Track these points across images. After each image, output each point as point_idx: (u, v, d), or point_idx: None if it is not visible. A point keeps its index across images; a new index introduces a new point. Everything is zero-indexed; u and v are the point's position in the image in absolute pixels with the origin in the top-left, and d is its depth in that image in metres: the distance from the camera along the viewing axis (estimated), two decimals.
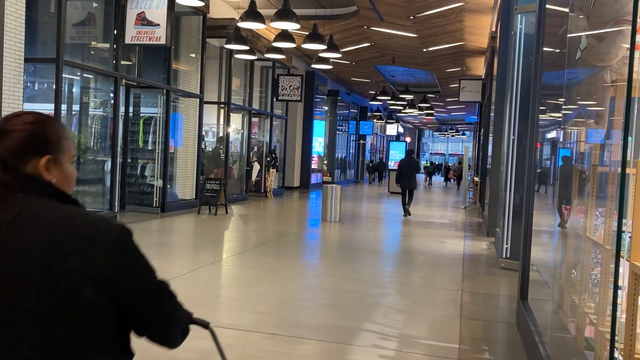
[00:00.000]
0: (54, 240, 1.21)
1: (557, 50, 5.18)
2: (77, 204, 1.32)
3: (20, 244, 1.20)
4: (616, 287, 2.46)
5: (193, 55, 13.42)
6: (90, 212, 1.32)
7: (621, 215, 2.41)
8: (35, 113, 1.35)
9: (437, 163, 52.06)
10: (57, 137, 1.33)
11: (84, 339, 1.21)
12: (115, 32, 10.60)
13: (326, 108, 26.01)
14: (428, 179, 37.39)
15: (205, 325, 1.60)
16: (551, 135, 6.25)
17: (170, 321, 1.37)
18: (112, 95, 10.69)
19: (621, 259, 2.48)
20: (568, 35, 3.98)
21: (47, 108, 9.77)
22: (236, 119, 16.78)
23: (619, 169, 2.82)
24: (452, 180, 37.09)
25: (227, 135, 15.28)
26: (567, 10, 4.33)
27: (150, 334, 1.36)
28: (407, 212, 14.01)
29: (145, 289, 1.31)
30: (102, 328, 1.24)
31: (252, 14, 9.74)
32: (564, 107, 4.51)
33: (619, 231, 2.42)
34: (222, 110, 15.56)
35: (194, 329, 1.51)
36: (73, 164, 1.39)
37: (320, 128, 24.57)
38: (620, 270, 2.51)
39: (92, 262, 1.21)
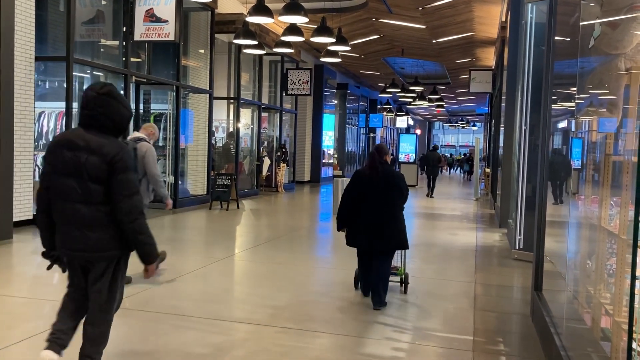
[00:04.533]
0: (391, 174, 5.35)
1: (569, 39, 5.12)
2: (390, 167, 5.46)
3: (384, 175, 5.31)
4: (633, 278, 2.43)
5: (202, 51, 13.43)
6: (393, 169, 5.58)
7: (638, 205, 2.38)
8: (375, 146, 5.69)
9: (452, 156, 52.46)
10: (386, 150, 5.48)
11: (400, 200, 5.37)
12: (124, 29, 10.63)
13: (335, 101, 25.93)
14: (448, 170, 37.76)
15: None
16: (563, 124, 6.19)
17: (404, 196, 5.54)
18: (122, 92, 10.73)
19: (638, 249, 2.45)
20: (581, 23, 3.92)
21: (58, 106, 9.83)
22: (246, 114, 16.80)
23: (634, 158, 2.79)
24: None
25: (237, 130, 15.30)
26: None
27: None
28: (430, 193, 17.87)
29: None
30: (400, 199, 5.38)
31: (260, 8, 9.72)
32: (576, 96, 4.45)
33: (636, 221, 2.39)
34: (231, 106, 15.57)
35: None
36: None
37: (330, 122, 24.48)
38: (637, 260, 2.48)
39: (401, 182, 5.36)
